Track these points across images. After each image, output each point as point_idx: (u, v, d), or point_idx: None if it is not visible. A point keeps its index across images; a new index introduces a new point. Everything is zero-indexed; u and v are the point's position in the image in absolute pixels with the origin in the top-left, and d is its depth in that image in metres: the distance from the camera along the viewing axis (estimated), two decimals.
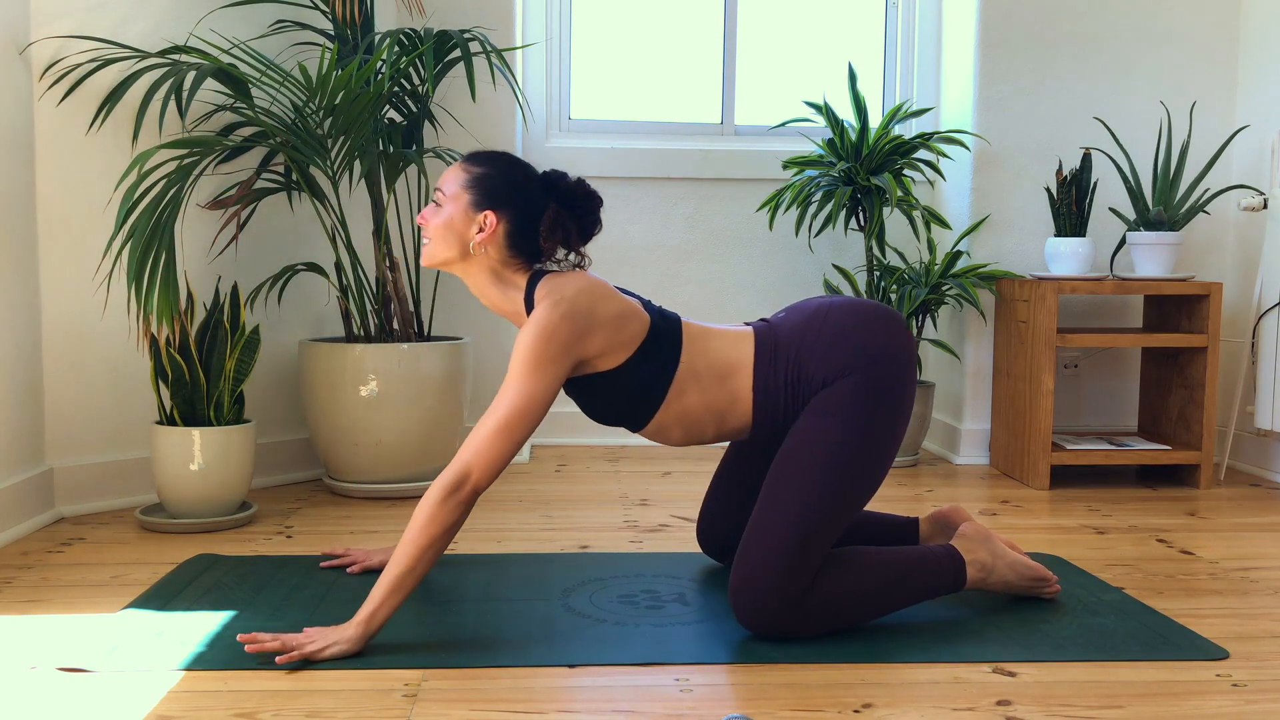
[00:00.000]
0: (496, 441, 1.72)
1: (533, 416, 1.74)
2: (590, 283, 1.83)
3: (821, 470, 1.77)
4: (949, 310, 3.57)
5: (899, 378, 1.83)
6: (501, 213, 1.85)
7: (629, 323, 1.83)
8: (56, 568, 2.20)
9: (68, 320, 2.61)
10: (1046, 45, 3.38)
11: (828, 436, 1.79)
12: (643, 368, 1.83)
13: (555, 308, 1.76)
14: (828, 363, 1.82)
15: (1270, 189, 3.11)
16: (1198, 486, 3.07)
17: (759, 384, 1.86)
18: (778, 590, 1.74)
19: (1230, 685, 1.64)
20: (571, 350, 1.77)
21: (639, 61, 3.75)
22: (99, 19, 2.61)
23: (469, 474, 1.71)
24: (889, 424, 1.82)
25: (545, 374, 1.74)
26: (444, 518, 1.70)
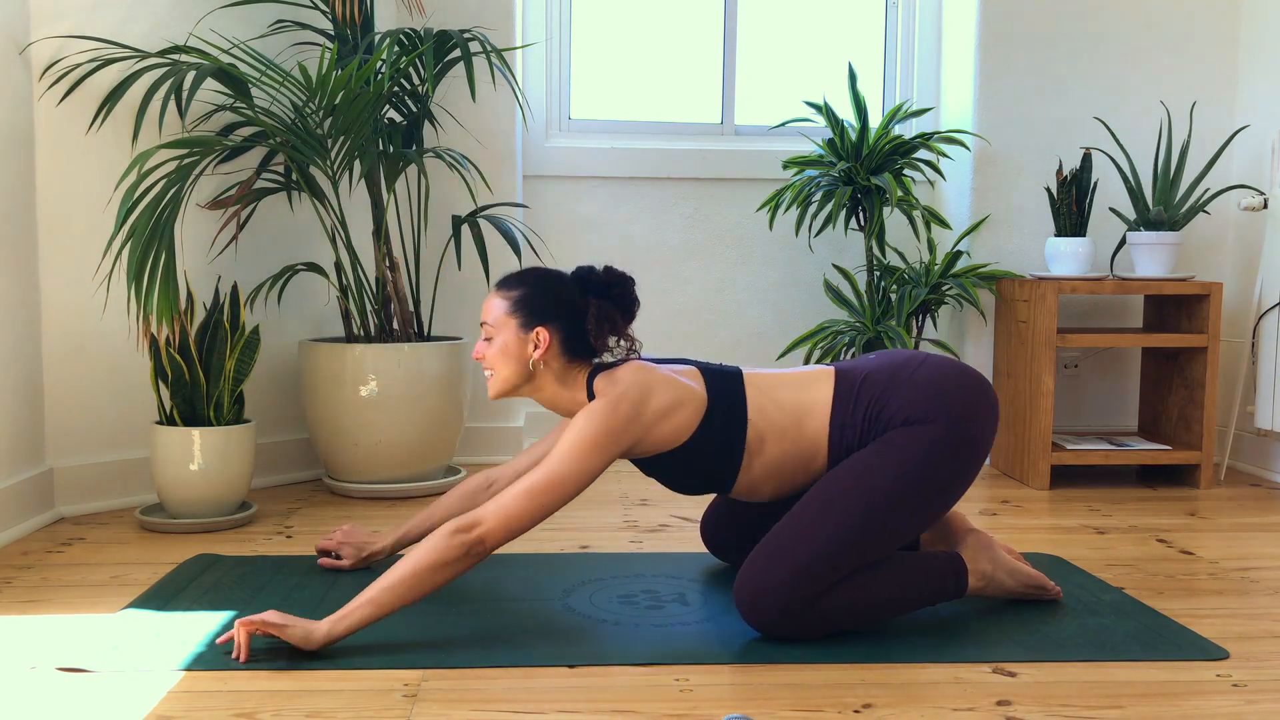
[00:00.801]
0: (520, 501, 1.72)
1: (563, 492, 1.73)
2: (641, 378, 1.83)
3: (866, 505, 1.77)
4: (949, 310, 3.57)
5: (975, 443, 1.84)
6: (551, 325, 1.87)
7: (681, 408, 1.83)
8: (56, 568, 2.20)
9: (68, 320, 2.61)
10: (1046, 45, 3.38)
11: (885, 472, 1.79)
12: (710, 440, 1.84)
13: (608, 403, 1.78)
14: (913, 404, 1.82)
15: (1270, 189, 3.11)
16: (1198, 486, 3.07)
17: (836, 420, 1.86)
18: (781, 605, 1.75)
19: (1230, 685, 1.64)
20: (619, 441, 1.77)
21: (639, 61, 3.75)
22: (99, 19, 2.61)
23: (482, 520, 1.71)
24: (948, 480, 1.82)
25: (587, 459, 1.74)
26: (442, 550, 1.69)
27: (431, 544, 1.69)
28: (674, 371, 1.88)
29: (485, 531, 1.70)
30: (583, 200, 3.65)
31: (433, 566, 1.68)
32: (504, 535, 1.71)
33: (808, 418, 1.86)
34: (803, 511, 1.80)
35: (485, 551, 1.71)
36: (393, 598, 1.68)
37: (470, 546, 1.70)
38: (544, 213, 3.64)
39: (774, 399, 1.87)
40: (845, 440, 1.86)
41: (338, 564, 2.17)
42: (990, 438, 1.86)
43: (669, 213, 3.68)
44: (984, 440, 1.85)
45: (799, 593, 1.75)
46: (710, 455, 1.85)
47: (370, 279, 3.13)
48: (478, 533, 1.70)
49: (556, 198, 3.64)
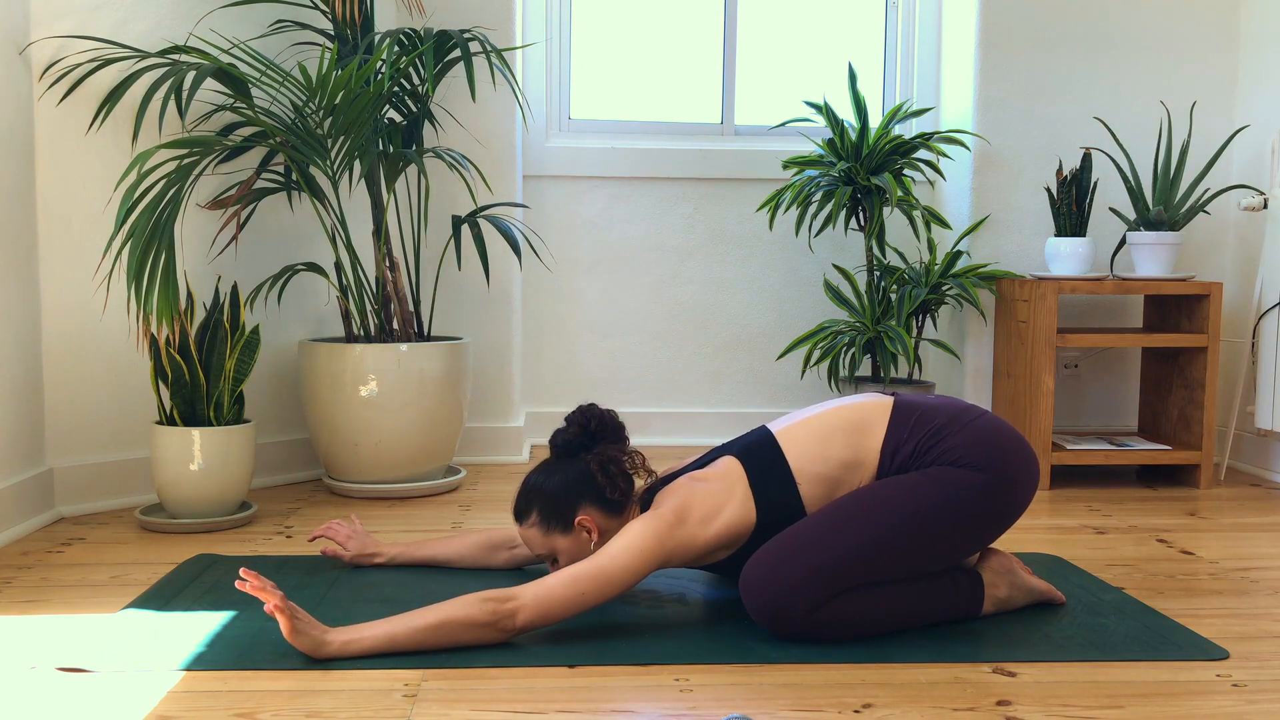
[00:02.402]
0: (561, 587, 1.71)
1: (607, 587, 1.72)
2: (690, 488, 1.84)
3: (896, 521, 1.78)
4: (949, 310, 3.57)
5: (1014, 507, 1.85)
6: (584, 512, 1.87)
7: (728, 507, 1.83)
8: (56, 568, 2.20)
9: (68, 320, 2.61)
10: (1046, 45, 3.38)
11: (926, 498, 1.79)
12: (770, 520, 1.85)
13: (659, 513, 1.79)
14: (969, 448, 1.83)
15: (1270, 189, 3.11)
16: (1198, 486, 3.07)
17: (889, 444, 1.87)
18: (791, 602, 1.75)
19: (1230, 685, 1.64)
20: (667, 546, 1.77)
21: (639, 61, 3.75)
22: (99, 19, 2.61)
23: (518, 596, 1.70)
24: (979, 530, 1.83)
25: (634, 559, 1.74)
26: (473, 612, 1.69)
27: (463, 602, 1.70)
28: (712, 469, 1.88)
29: (518, 607, 1.70)
30: (583, 200, 3.65)
31: (459, 624, 1.68)
32: (536, 617, 1.70)
33: (862, 452, 1.87)
34: (833, 513, 1.80)
35: (513, 628, 1.70)
36: (410, 639, 1.68)
37: (500, 618, 1.69)
38: (544, 213, 3.64)
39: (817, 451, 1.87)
40: (896, 461, 1.86)
41: (338, 552, 2.17)
42: (1026, 505, 1.88)
43: (669, 213, 3.68)
44: (1022, 505, 1.87)
45: (811, 592, 1.75)
46: (775, 529, 1.85)
47: (370, 279, 3.13)
48: (511, 606, 1.69)
49: (556, 198, 3.64)
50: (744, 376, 3.74)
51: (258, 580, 1.63)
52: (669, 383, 3.73)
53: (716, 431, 3.73)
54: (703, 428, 3.71)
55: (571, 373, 3.69)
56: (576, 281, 3.67)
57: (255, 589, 1.62)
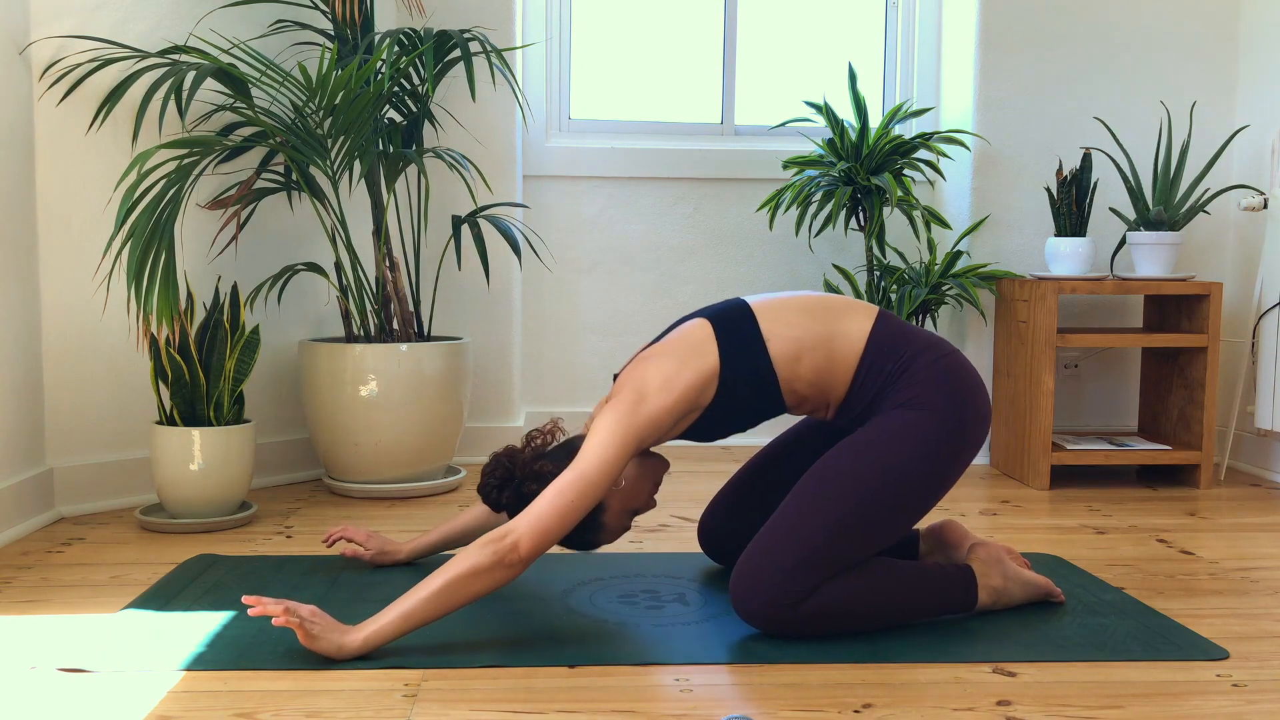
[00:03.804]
0: (548, 503, 1.70)
1: (590, 490, 1.71)
2: (637, 372, 1.83)
3: (863, 496, 1.77)
4: (949, 310, 3.57)
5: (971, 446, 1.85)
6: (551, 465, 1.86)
7: (686, 372, 1.82)
8: (56, 568, 2.20)
9: (68, 320, 2.61)
10: (1046, 45, 3.38)
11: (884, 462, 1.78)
12: (736, 381, 1.83)
13: (615, 402, 1.79)
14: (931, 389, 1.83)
15: (1270, 189, 3.11)
16: (1198, 486, 3.07)
17: (869, 357, 1.86)
18: (775, 591, 1.75)
19: (1230, 685, 1.64)
20: (636, 432, 1.76)
21: (639, 61, 3.75)
22: (99, 19, 2.61)
23: (514, 528, 1.69)
24: (942, 477, 1.82)
25: (606, 454, 1.73)
26: (475, 560, 1.66)
27: (464, 555, 1.68)
28: (677, 336, 1.88)
29: (516, 538, 1.68)
30: (583, 200, 3.65)
31: (465, 577, 1.66)
32: (537, 540, 1.68)
33: (840, 338, 1.87)
34: (794, 505, 1.80)
35: (519, 560, 1.68)
36: (425, 609, 1.67)
37: (504, 555, 1.67)
38: (544, 213, 3.64)
39: (792, 318, 1.87)
40: (869, 381, 1.86)
41: (358, 552, 2.17)
42: (979, 448, 1.89)
43: (669, 213, 3.68)
44: (976, 447, 1.87)
45: (795, 585, 1.74)
46: (746, 393, 1.84)
47: (370, 279, 3.13)
48: (510, 540, 1.67)
49: (556, 198, 3.64)
50: None
51: (259, 603, 1.64)
52: None
53: None
54: None
55: (571, 373, 3.69)
56: (576, 281, 3.67)
57: (260, 612, 1.63)
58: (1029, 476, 3.09)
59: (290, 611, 1.64)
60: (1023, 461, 3.13)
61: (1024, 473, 3.12)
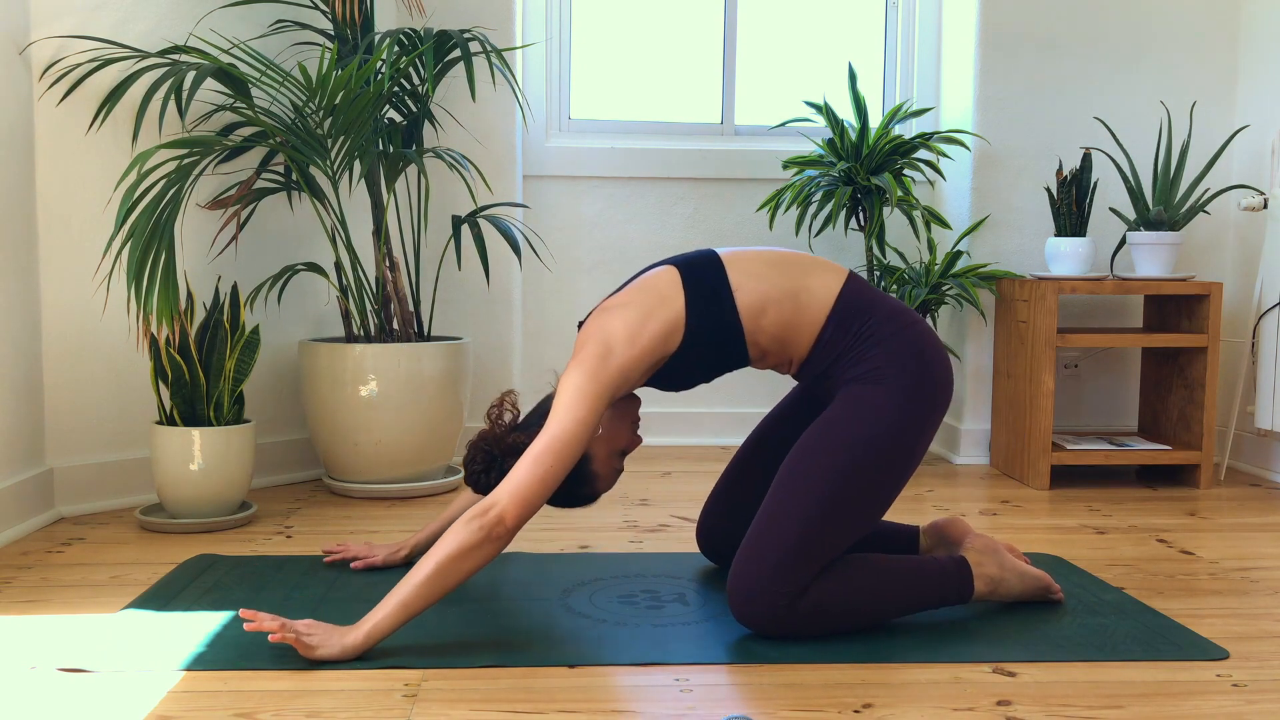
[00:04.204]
0: (526, 470, 1.70)
1: (565, 450, 1.71)
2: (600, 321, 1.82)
3: (835, 484, 1.77)
4: (949, 310, 3.57)
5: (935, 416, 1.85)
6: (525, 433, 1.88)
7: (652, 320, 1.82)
8: (56, 568, 2.20)
9: (68, 320, 2.61)
10: (1046, 45, 3.38)
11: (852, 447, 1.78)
12: (702, 328, 1.83)
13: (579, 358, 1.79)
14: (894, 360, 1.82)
15: (1270, 189, 3.11)
16: (1198, 486, 3.07)
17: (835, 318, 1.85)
18: (768, 591, 1.75)
19: (1230, 685, 1.64)
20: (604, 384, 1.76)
21: (639, 61, 3.75)
22: (99, 19, 2.61)
23: (496, 500, 1.68)
24: (912, 449, 1.82)
25: (578, 411, 1.72)
26: (463, 538, 1.66)
27: (451, 534, 1.67)
28: (643, 284, 1.87)
29: (501, 510, 1.67)
30: (583, 200, 3.65)
31: (455, 556, 1.66)
32: (521, 509, 1.68)
33: (807, 294, 1.86)
34: (771, 504, 1.80)
35: (506, 531, 1.68)
36: (420, 595, 1.66)
37: (490, 528, 1.67)
38: (544, 213, 3.64)
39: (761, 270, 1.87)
40: (832, 343, 1.85)
41: (371, 561, 2.17)
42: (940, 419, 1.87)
43: (669, 213, 3.68)
44: (939, 419, 1.86)
45: (785, 585, 1.74)
46: (711, 341, 1.84)
47: (370, 279, 3.13)
48: (494, 513, 1.67)
49: (556, 198, 3.64)
50: (743, 376, 3.74)
51: (255, 617, 1.64)
52: None
53: (716, 432, 3.73)
54: (703, 428, 3.71)
55: None
56: (576, 281, 3.67)
57: (256, 627, 1.63)
58: (1029, 476, 3.09)
59: (286, 627, 1.65)
60: (1023, 461, 3.13)
61: (1024, 473, 3.12)
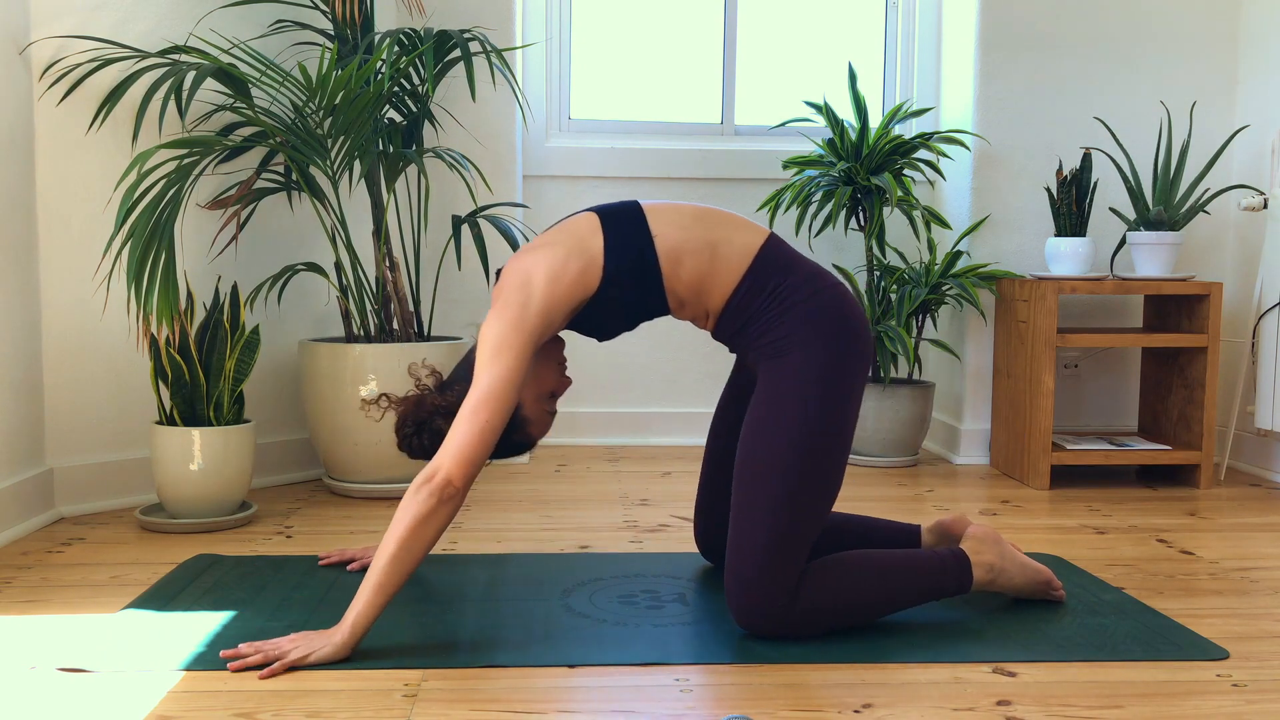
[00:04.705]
0: (463, 428, 1.70)
1: (499, 402, 1.71)
2: (516, 265, 1.82)
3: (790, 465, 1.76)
4: (949, 310, 3.57)
5: (856, 349, 1.84)
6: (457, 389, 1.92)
7: (571, 262, 1.81)
8: (56, 568, 2.20)
9: (68, 320, 2.61)
10: (1046, 45, 3.38)
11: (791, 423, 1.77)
12: (620, 271, 1.83)
13: (498, 307, 1.78)
14: (810, 325, 1.81)
15: (1270, 189, 3.11)
16: (1198, 486, 3.07)
17: (751, 276, 1.85)
18: (762, 596, 1.75)
19: (1230, 685, 1.64)
20: (526, 329, 1.76)
21: (639, 61, 3.75)
22: (99, 19, 2.61)
23: (439, 464, 1.69)
24: (845, 396, 1.80)
25: (504, 361, 1.73)
26: (415, 508, 1.67)
27: (404, 508, 1.68)
28: (562, 226, 1.88)
29: (446, 473, 1.68)
30: (583, 200, 3.65)
31: (414, 527, 1.67)
32: (465, 467, 1.69)
33: (726, 247, 1.86)
34: (738, 511, 1.80)
35: (457, 492, 1.69)
36: (391, 574, 1.67)
37: (440, 491, 1.67)
38: (544, 213, 3.64)
39: (681, 220, 1.87)
40: (746, 303, 1.85)
41: (367, 561, 2.17)
42: (868, 359, 1.87)
43: None
44: (865, 370, 1.86)
45: (778, 583, 1.75)
46: (629, 284, 1.84)
47: (370, 279, 3.13)
48: (440, 477, 1.68)
49: (556, 198, 3.64)
50: None
51: (238, 657, 1.66)
52: (668, 383, 3.72)
53: None
54: (703, 428, 3.71)
55: (571, 373, 3.69)
56: None
57: (241, 665, 1.64)
58: (1029, 476, 3.09)
59: (270, 656, 1.65)
60: (1023, 461, 3.13)
61: (1024, 473, 3.12)
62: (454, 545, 2.39)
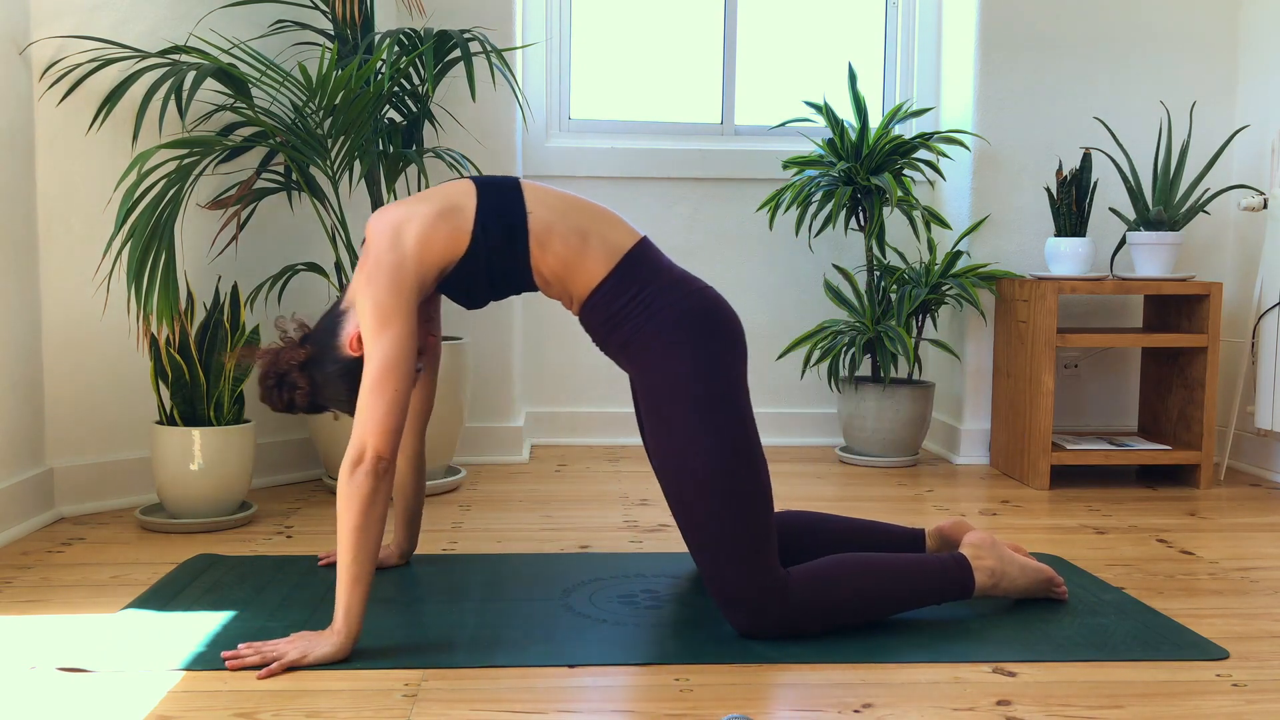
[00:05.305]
0: (371, 405, 1.70)
1: (397, 369, 1.71)
2: (381, 225, 1.81)
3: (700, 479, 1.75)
4: (949, 310, 3.57)
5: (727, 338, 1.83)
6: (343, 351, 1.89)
7: (442, 221, 1.81)
8: (56, 568, 2.20)
9: (68, 320, 2.61)
10: (1046, 45, 3.38)
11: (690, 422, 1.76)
12: (488, 232, 1.82)
13: (366, 272, 1.77)
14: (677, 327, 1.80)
15: (1270, 189, 3.11)
16: (1198, 486, 3.07)
17: (616, 278, 1.84)
18: (741, 600, 1.76)
19: (1230, 685, 1.64)
20: (401, 290, 1.75)
21: (639, 61, 3.75)
22: (99, 19, 2.61)
23: (361, 444, 1.69)
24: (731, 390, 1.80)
25: (390, 329, 1.73)
26: (359, 492, 1.67)
27: (345, 498, 1.68)
28: (437, 188, 1.88)
29: (373, 450, 1.69)
30: None
31: (364, 512, 1.67)
32: (388, 438, 1.69)
33: (597, 239, 1.85)
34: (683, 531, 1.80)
35: (388, 464, 1.69)
36: (362, 563, 1.68)
37: (373, 468, 1.68)
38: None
39: (557, 204, 1.87)
40: (611, 301, 1.84)
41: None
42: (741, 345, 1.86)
43: (669, 213, 3.68)
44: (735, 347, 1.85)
45: (751, 585, 1.75)
46: (496, 246, 1.83)
47: None
48: (369, 454, 1.68)
49: None
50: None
51: (236, 657, 1.66)
52: None
53: None
54: None
55: (571, 373, 3.69)
56: None
57: (239, 665, 1.65)
58: (1029, 476, 3.09)
59: (268, 657, 1.66)
60: (1022, 461, 3.13)
61: (1024, 473, 3.12)
62: (454, 545, 2.39)
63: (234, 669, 1.64)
